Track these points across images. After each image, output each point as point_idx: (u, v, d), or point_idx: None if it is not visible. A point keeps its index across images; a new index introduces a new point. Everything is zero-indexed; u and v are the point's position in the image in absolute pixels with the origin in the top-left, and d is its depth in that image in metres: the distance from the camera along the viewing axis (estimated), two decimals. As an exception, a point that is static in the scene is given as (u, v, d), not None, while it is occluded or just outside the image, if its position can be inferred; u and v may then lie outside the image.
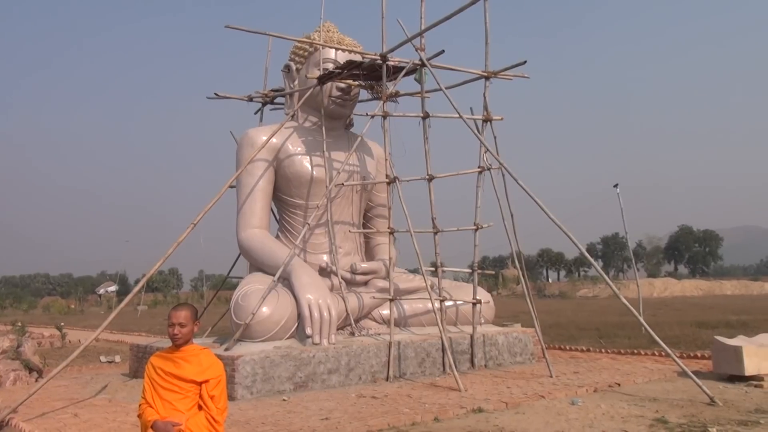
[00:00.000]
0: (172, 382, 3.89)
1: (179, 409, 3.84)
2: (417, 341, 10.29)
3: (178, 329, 3.93)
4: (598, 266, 10.26)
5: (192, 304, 4.22)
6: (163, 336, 15.64)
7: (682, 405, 7.50)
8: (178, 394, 3.88)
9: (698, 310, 29.62)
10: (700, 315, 25.17)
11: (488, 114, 11.28)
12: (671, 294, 66.28)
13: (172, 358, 3.96)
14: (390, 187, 10.97)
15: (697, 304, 37.36)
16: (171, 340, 3.96)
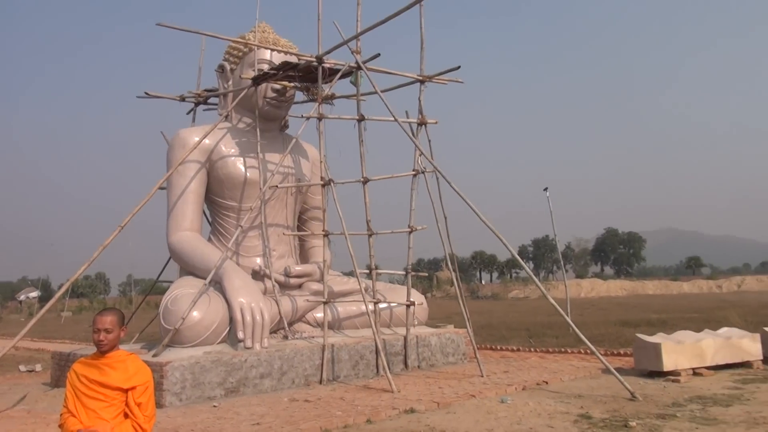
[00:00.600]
0: (96, 389, 3.78)
1: (104, 417, 3.74)
2: (351, 344, 10.31)
3: (104, 335, 3.82)
4: (528, 268, 10.56)
5: (118, 309, 4.11)
6: (88, 343, 15.10)
7: (605, 401, 7.81)
8: (103, 402, 3.77)
9: (622, 310, 30.80)
10: (624, 314, 26.20)
11: (423, 117, 11.43)
12: (597, 294, 68.70)
13: (97, 365, 3.84)
14: (325, 190, 10.96)
15: (621, 304, 38.87)
16: (96, 346, 3.85)
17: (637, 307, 33.86)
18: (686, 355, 9.63)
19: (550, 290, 65.64)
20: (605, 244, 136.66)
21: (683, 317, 21.94)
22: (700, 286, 75.81)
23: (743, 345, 10.27)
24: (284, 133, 12.83)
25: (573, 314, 18.57)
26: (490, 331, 19.07)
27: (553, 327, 18.56)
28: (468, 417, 7.06)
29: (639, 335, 10.28)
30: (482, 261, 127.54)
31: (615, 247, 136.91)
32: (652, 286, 76.66)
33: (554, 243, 25.67)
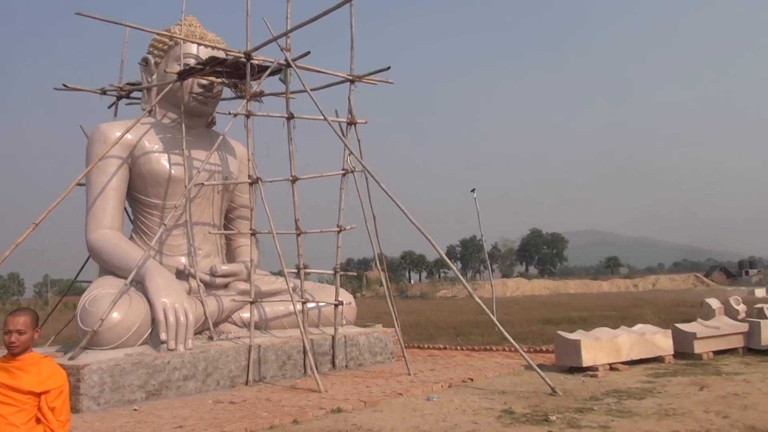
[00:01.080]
0: (6, 393, 3.60)
1: (14, 423, 3.56)
2: (278, 344, 10.22)
3: (16, 336, 3.64)
4: (455, 268, 10.75)
5: (32, 310, 3.92)
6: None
7: (527, 396, 8.04)
8: (13, 407, 3.59)
9: (545, 308, 31.79)
10: (547, 312, 27.06)
11: (353, 117, 11.45)
12: (522, 293, 70.63)
13: (8, 368, 3.66)
14: (252, 188, 10.81)
15: (545, 303, 40.13)
16: (7, 348, 3.67)
17: (559, 305, 35.03)
18: (604, 351, 10.03)
19: (476, 289, 67.04)
20: (530, 244, 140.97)
21: (602, 315, 22.86)
22: (618, 285, 79.22)
23: (656, 341, 10.79)
24: (211, 129, 12.57)
25: (498, 313, 19.07)
26: (418, 330, 19.30)
27: (480, 325, 18.95)
28: (394, 415, 7.12)
29: (560, 333, 10.63)
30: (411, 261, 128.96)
31: (539, 247, 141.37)
32: (574, 285, 79.55)
33: (481, 243, 26.23)
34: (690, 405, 7.19)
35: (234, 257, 12.41)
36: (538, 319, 22.02)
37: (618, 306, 30.18)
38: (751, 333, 11.66)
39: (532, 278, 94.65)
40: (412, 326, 20.46)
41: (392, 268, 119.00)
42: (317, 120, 10.61)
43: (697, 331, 11.23)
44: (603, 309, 28.17)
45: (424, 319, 25.28)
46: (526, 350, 11.37)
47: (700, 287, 72.37)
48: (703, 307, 14.73)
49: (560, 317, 22.67)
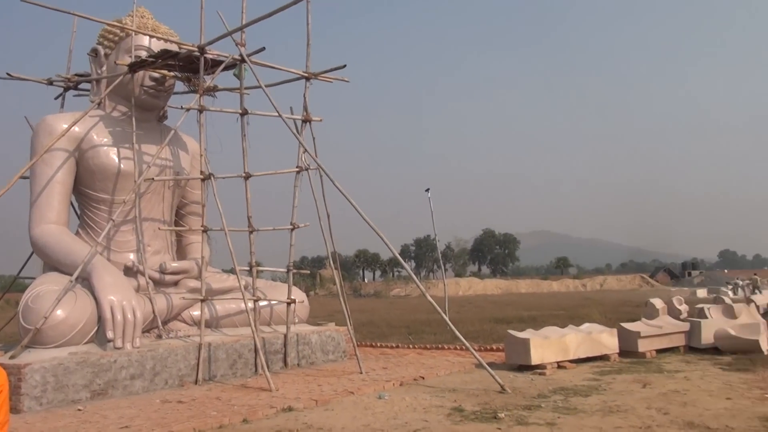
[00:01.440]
0: (-59, 394, 3.46)
1: (-52, 424, 3.43)
2: (229, 342, 10.10)
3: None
4: (409, 267, 10.81)
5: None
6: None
7: (477, 394, 8.14)
8: (-52, 408, 3.45)
9: (497, 307, 32.23)
10: (498, 311, 27.45)
11: (308, 115, 11.38)
12: (475, 292, 71.50)
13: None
14: (204, 184, 10.64)
15: (496, 302, 40.69)
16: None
17: (510, 304, 35.57)
18: (552, 350, 10.24)
19: (430, 289, 67.57)
20: (483, 244, 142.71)
21: (551, 314, 23.32)
22: (567, 284, 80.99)
23: (602, 339, 11.07)
24: (162, 123, 12.33)
25: (451, 312, 19.24)
26: (371, 328, 19.33)
27: (432, 324, 19.10)
28: (345, 414, 7.12)
29: (510, 331, 10.80)
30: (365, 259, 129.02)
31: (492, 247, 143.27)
32: (525, 284, 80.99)
33: (435, 243, 26.43)
34: (633, 402, 7.39)
35: (185, 254, 12.20)
36: (489, 318, 22.31)
37: (567, 305, 30.84)
38: (692, 332, 12.07)
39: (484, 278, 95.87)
40: (365, 325, 20.48)
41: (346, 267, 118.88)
42: (271, 117, 10.52)
43: (641, 330, 11.56)
44: (552, 308, 28.73)
45: (378, 317, 25.34)
46: (477, 349, 11.51)
47: (645, 288, 74.60)
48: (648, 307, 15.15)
49: (511, 316, 23.02)
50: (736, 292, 38.83)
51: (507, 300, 44.30)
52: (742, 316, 12.69)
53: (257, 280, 11.31)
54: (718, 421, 6.35)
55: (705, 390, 8.08)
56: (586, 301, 33.71)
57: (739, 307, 13.26)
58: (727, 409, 6.92)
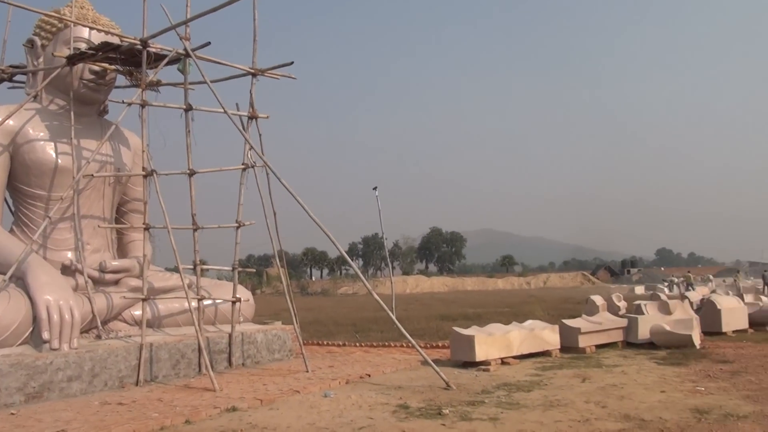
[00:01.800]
0: None
1: None
2: (171, 342, 9.89)
3: None
4: (356, 266, 10.81)
5: None
6: None
7: (422, 391, 8.21)
8: None
9: (443, 305, 32.63)
10: (444, 309, 27.78)
11: (254, 111, 11.24)
12: (422, 290, 72.16)
13: None
14: (146, 181, 10.39)
15: (443, 299, 41.17)
16: None
17: (456, 302, 36.04)
18: (496, 346, 10.41)
19: (377, 287, 67.67)
20: (430, 242, 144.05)
21: (496, 311, 23.74)
22: (512, 282, 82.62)
23: (544, 336, 11.32)
24: (103, 118, 11.97)
25: (398, 309, 19.34)
26: (317, 327, 19.27)
27: (379, 322, 19.17)
28: (291, 413, 7.08)
29: (455, 328, 10.93)
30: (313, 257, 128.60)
31: (439, 245, 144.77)
32: (471, 282, 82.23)
33: (383, 241, 26.52)
34: (573, 396, 7.59)
35: (126, 253, 11.89)
36: (436, 315, 22.55)
37: (511, 303, 31.44)
38: (629, 328, 12.46)
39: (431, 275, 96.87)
40: (311, 323, 20.40)
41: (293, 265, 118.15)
42: (217, 113, 10.35)
43: (582, 326, 11.88)
44: (497, 306, 29.25)
45: (325, 315, 25.28)
46: (422, 346, 11.61)
47: (587, 285, 76.73)
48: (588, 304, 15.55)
49: (457, 314, 23.33)
50: (671, 289, 40.33)
51: (453, 297, 44.85)
52: (677, 312, 13.20)
53: (201, 279, 11.11)
54: (653, 414, 6.58)
55: (641, 383, 8.36)
56: (530, 299, 34.42)
57: (674, 303, 13.78)
58: (661, 402, 7.18)
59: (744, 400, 7.15)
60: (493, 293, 56.30)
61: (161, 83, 11.30)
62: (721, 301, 14.28)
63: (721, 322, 13.61)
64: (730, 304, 14.47)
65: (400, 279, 77.14)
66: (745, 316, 14.22)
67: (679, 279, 46.81)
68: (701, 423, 6.14)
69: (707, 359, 10.36)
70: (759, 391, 7.65)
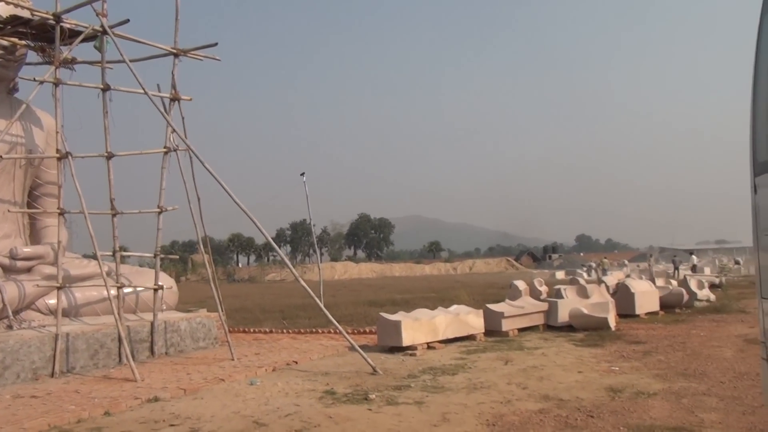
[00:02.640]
0: None
1: None
2: (89, 332, 9.55)
3: None
4: (282, 252, 10.71)
5: None
6: None
7: (349, 376, 8.25)
8: None
9: (371, 291, 32.81)
10: (373, 295, 27.95)
11: (176, 93, 10.92)
12: (350, 276, 72.31)
13: None
14: (61, 164, 9.93)
15: (371, 285, 41.40)
16: None
17: (384, 287, 36.32)
18: (422, 331, 10.57)
19: (305, 273, 67.40)
20: (358, 228, 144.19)
21: (423, 297, 24.08)
22: (439, 268, 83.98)
23: (469, 320, 11.58)
24: (13, 96, 11.35)
25: (326, 296, 19.31)
26: (244, 314, 19.01)
27: (307, 309, 19.08)
28: (215, 402, 6.97)
29: (382, 314, 11.02)
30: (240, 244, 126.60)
31: (367, 231, 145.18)
32: (399, 268, 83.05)
33: (310, 227, 26.41)
34: (495, 378, 7.82)
35: (39, 239, 11.35)
36: (364, 301, 22.65)
37: (438, 288, 31.96)
38: (550, 311, 12.91)
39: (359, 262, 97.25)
40: (238, 310, 20.11)
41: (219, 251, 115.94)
42: (137, 94, 9.98)
43: (505, 310, 12.21)
44: (424, 291, 29.67)
45: (251, 302, 24.97)
46: (350, 332, 11.65)
47: (511, 270, 78.88)
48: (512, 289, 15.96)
49: (384, 299, 23.51)
50: (590, 274, 41.95)
51: (381, 283, 45.19)
52: (594, 296, 13.76)
53: (122, 266, 10.75)
54: (570, 393, 6.86)
55: (560, 365, 8.69)
56: (456, 284, 35.07)
57: (591, 287, 14.37)
58: (578, 382, 7.49)
59: (654, 379, 7.55)
60: (421, 279, 57.09)
61: (76, 61, 10.79)
62: (634, 285, 14.98)
63: (635, 305, 14.29)
64: (643, 287, 15.20)
65: (328, 265, 77.06)
66: (656, 299, 14.98)
67: (596, 264, 48.78)
68: (615, 401, 6.45)
69: (621, 340, 10.86)
70: (668, 370, 8.10)
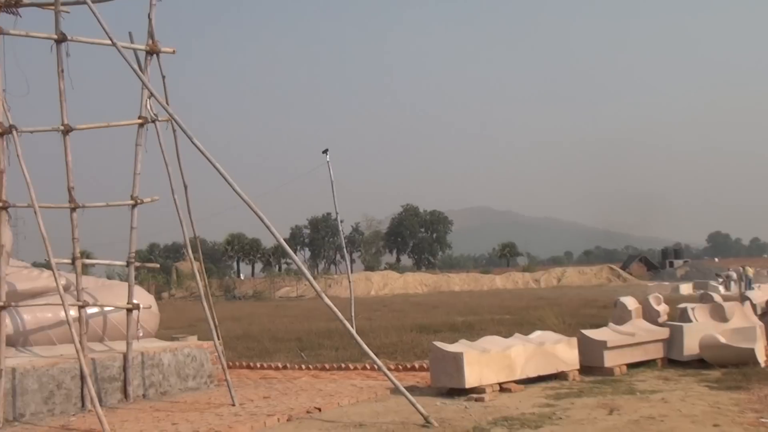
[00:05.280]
0: None
1: None
2: (42, 367, 9.79)
3: None
4: (300, 259, 10.80)
5: None
6: None
7: (392, 429, 8.27)
8: None
9: (421, 311, 32.83)
10: (423, 317, 27.95)
11: (154, 44, 11.08)
12: (392, 291, 72.47)
13: None
14: (3, 141, 10.17)
15: (421, 304, 41.41)
16: None
17: (439, 307, 36.28)
18: (492, 367, 10.51)
19: (331, 287, 67.86)
20: (402, 226, 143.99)
21: (493, 319, 23.99)
22: (515, 279, 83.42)
23: (558, 352, 11.47)
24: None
25: (359, 318, 19.46)
26: (248, 343, 19.23)
27: (333, 336, 19.20)
28: (211, 462, 7.06)
29: (437, 343, 10.99)
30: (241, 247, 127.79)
31: (415, 230, 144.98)
32: (459, 280, 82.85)
33: (337, 224, 26.53)
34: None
35: (-25, 242, 11.69)
36: (411, 325, 22.65)
37: (513, 307, 31.79)
38: (672, 340, 12.69)
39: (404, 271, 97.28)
40: (240, 338, 20.35)
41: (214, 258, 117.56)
42: (101, 45, 10.17)
43: (609, 339, 12.05)
44: (495, 311, 29.53)
45: (258, 327, 25.23)
46: (393, 368, 11.68)
47: (616, 282, 77.94)
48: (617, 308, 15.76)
49: (440, 323, 23.47)
50: (728, 288, 41.22)
51: (435, 301, 45.14)
52: (735, 318, 13.46)
53: (84, 278, 10.99)
54: (703, 455, 6.74)
55: (687, 415, 8.54)
56: (539, 302, 34.82)
57: (731, 306, 14.04)
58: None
59: (823, 436, 7.36)
60: (489, 294, 56.83)
61: (22, 3, 11.03)
62: (793, 303, 14.60)
63: (795, 331, 13.93)
64: (806, 306, 14.80)
65: (361, 276, 77.31)
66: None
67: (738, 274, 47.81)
68: (767, 467, 6.31)
69: (775, 381, 10.62)
70: (842, 423, 7.87)
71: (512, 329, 14.97)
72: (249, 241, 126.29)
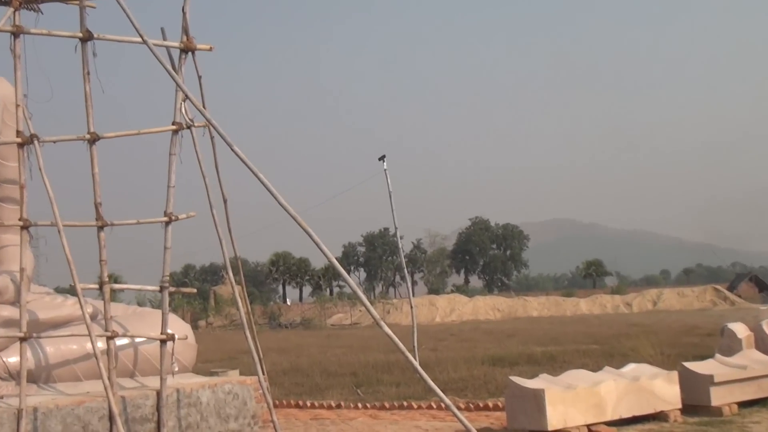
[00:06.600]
0: None
1: None
2: (67, 406, 9.94)
3: None
4: (354, 281, 10.81)
5: None
6: None
7: (463, 479, 8.22)
8: None
9: (494, 340, 32.62)
10: (497, 347, 27.78)
11: (190, 41, 11.22)
12: (460, 317, 72.24)
13: None
14: (23, 152, 10.41)
15: (494, 332, 41.15)
16: None
17: (515, 335, 36.02)
18: (579, 407, 10.40)
19: (390, 313, 67.91)
20: (471, 242, 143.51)
21: (578, 350, 23.72)
22: (603, 303, 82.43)
23: (655, 388, 11.29)
24: (-47, 54, 12.04)
25: (423, 349, 19.39)
26: (296, 378, 19.32)
27: (393, 369, 19.19)
28: None
29: (513, 378, 10.92)
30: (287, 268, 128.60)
31: (486, 246, 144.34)
32: (538, 304, 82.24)
33: (396, 240, 26.53)
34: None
35: (-9, 265, 11.98)
36: (482, 357, 22.55)
37: (602, 336, 31.40)
38: (792, 374, 12.40)
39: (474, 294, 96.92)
40: (287, 373, 20.46)
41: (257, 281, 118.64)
42: (131, 43, 10.35)
43: (716, 372, 11.83)
44: (580, 340, 29.23)
45: (307, 360, 25.35)
46: (463, 407, 11.61)
47: (722, 306, 76.46)
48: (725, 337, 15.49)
49: (516, 354, 23.31)
50: None
51: (510, 328, 44.83)
52: None
53: (113, 305, 11.15)
54: None
55: (811, 463, 8.34)
56: (632, 329, 34.34)
57: None
58: None
59: None
60: (574, 321, 56.24)
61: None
62: None
63: None
64: None
65: (425, 300, 77.22)
66: None
67: None
68: None
69: None
70: None
71: (601, 362, 14.80)
72: (296, 261, 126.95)
